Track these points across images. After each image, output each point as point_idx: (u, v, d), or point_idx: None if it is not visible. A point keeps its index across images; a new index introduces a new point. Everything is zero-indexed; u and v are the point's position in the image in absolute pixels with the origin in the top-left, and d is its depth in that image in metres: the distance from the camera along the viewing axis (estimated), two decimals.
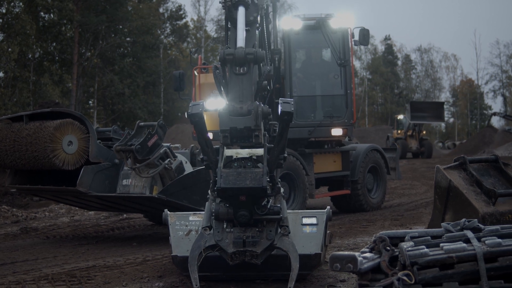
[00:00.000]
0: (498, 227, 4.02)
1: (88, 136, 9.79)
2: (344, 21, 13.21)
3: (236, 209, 6.30)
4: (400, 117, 47.37)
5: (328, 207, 7.07)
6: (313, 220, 6.93)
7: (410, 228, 11.02)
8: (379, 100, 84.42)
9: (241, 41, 6.72)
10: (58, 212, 14.49)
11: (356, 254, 3.64)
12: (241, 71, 6.48)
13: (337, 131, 12.98)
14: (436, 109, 44.73)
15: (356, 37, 13.25)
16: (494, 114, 57.77)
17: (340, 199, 13.97)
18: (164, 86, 48.38)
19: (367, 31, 13.19)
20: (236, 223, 6.38)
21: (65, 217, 13.85)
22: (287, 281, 6.29)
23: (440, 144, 70.07)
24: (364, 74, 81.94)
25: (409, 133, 44.41)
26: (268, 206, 6.38)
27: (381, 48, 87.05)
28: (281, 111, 6.21)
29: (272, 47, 11.90)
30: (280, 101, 6.30)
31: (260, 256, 6.35)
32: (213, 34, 65.33)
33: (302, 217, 6.97)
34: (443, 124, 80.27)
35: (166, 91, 49.12)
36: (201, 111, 6.20)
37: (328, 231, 7.37)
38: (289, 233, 6.45)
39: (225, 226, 6.43)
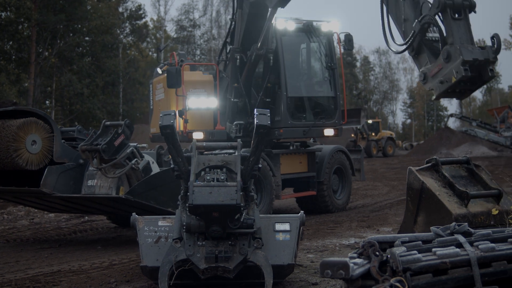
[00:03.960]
0: (489, 231, 3.93)
1: (52, 136, 9.52)
2: (331, 26, 13.69)
3: (208, 224, 6.16)
4: None
5: (302, 211, 6.92)
6: (286, 226, 6.76)
7: (378, 230, 11.00)
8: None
9: None
10: (16, 214, 14.09)
11: (347, 259, 3.50)
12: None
13: (329, 132, 13.48)
14: (356, 114, 45.80)
15: (342, 42, 13.96)
16: (451, 115, 58.59)
17: (306, 200, 13.90)
18: (123, 86, 47.84)
19: (351, 36, 13.76)
20: (208, 236, 6.24)
21: (24, 219, 13.46)
22: (259, 287, 6.18)
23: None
24: None
25: (359, 136, 47.27)
26: (242, 219, 6.26)
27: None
28: (257, 124, 6.12)
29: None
30: (256, 113, 6.19)
31: (232, 271, 6.24)
32: (173, 34, 64.98)
33: (275, 222, 6.78)
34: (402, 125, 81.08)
35: (126, 91, 48.61)
36: (173, 123, 6.08)
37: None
38: (263, 245, 6.34)
39: (196, 239, 6.28)
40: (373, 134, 49.91)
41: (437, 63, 7.73)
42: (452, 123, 72.03)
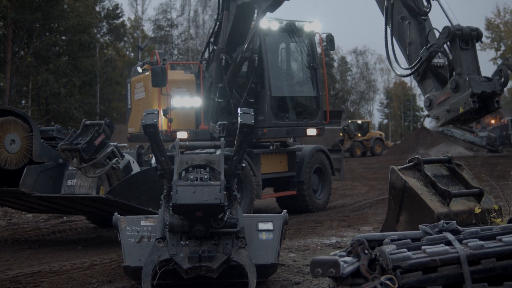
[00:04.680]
0: (478, 228, 3.94)
1: (31, 135, 9.41)
2: (313, 26, 13.79)
3: (192, 223, 6.13)
4: None
5: (285, 211, 6.90)
6: (269, 226, 6.74)
7: (358, 229, 11.04)
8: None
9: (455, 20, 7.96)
10: None
11: (337, 258, 3.48)
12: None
13: (311, 131, 13.59)
14: (337, 116, 46.77)
15: (324, 42, 14.03)
16: (428, 115, 58.89)
17: (286, 200, 13.91)
18: (100, 85, 47.55)
19: (333, 36, 13.84)
20: (191, 235, 6.21)
21: (1, 220, 13.31)
22: (242, 286, 6.16)
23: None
24: None
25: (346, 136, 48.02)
26: (225, 219, 6.24)
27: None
28: (240, 123, 6.11)
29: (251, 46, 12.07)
30: (239, 112, 6.18)
31: (216, 271, 6.22)
32: (150, 33, 64.71)
33: (258, 222, 6.76)
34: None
35: (103, 90, 48.32)
36: (156, 122, 6.04)
37: None
38: (246, 244, 6.32)
39: (179, 238, 6.24)
40: (359, 134, 50.69)
41: (444, 91, 7.85)
42: (429, 123, 72.52)
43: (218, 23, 12.83)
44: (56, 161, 9.75)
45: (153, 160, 10.40)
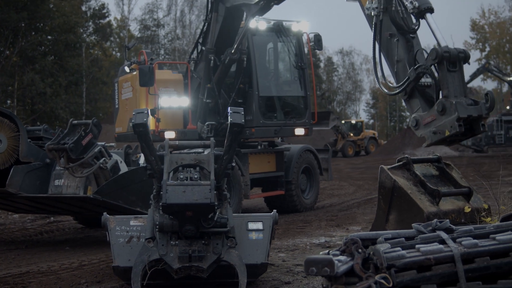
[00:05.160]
0: (471, 227, 3.94)
1: (18, 135, 9.33)
2: (301, 26, 13.80)
3: (182, 223, 6.10)
4: None
5: (275, 210, 6.89)
6: (259, 225, 6.72)
7: (347, 229, 11.04)
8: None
9: (443, 42, 8.00)
10: None
11: (331, 257, 3.47)
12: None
13: (299, 131, 13.60)
14: (325, 117, 47.16)
15: (312, 42, 13.82)
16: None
17: (274, 199, 13.90)
18: (86, 85, 47.33)
19: (320, 36, 13.78)
20: (181, 235, 6.18)
21: None
22: (233, 286, 6.13)
23: None
24: None
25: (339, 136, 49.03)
26: (215, 218, 6.21)
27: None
28: (231, 123, 6.09)
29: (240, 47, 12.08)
30: (229, 111, 6.16)
31: (206, 271, 6.19)
32: (136, 33, 64.51)
33: (248, 221, 6.74)
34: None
35: (89, 90, 48.10)
36: (146, 121, 6.01)
37: None
38: (236, 244, 6.30)
39: (169, 238, 6.21)
40: (351, 134, 51.30)
41: (431, 113, 7.87)
42: None
43: (206, 23, 12.80)
44: (43, 161, 9.68)
45: (141, 160, 10.40)
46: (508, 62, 76.25)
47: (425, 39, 8.59)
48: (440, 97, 7.87)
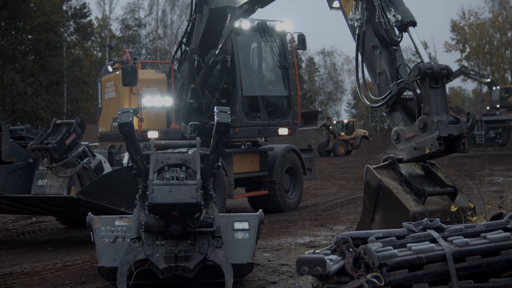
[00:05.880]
0: (462, 226, 3.95)
1: (0, 134, 9.24)
2: (284, 26, 13.80)
3: (168, 223, 6.07)
4: None
5: (260, 210, 6.87)
6: (245, 225, 6.70)
7: (331, 228, 11.04)
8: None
9: (426, 57, 8.08)
10: None
11: (323, 256, 3.45)
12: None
13: (283, 131, 13.62)
14: (314, 116, 47.59)
15: (296, 42, 13.95)
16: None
17: (257, 199, 13.88)
18: (67, 85, 47.02)
19: (304, 36, 13.87)
20: (167, 235, 6.15)
21: None
22: (219, 286, 6.09)
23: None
24: None
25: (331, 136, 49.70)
26: (201, 218, 6.19)
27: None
28: (217, 122, 6.06)
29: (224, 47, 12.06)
30: (216, 111, 6.14)
31: (192, 271, 6.17)
32: (118, 33, 64.22)
33: (234, 221, 6.71)
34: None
35: (70, 90, 47.78)
36: (131, 120, 5.97)
37: None
38: (222, 244, 6.27)
39: (155, 238, 6.17)
40: (343, 133, 51.83)
41: (413, 128, 7.88)
42: None
43: (190, 24, 12.76)
44: (26, 161, 9.60)
45: (125, 160, 10.33)
46: (488, 63, 76.88)
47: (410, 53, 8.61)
48: (422, 111, 7.89)
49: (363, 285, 3.29)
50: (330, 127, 49.04)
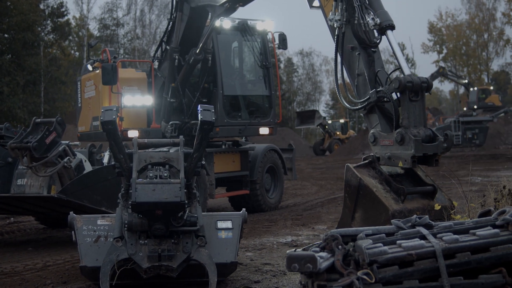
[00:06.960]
0: (451, 223, 3.95)
1: None
2: (265, 25, 13.80)
3: (151, 222, 6.02)
4: None
5: (244, 209, 6.84)
6: (229, 224, 6.69)
7: (313, 228, 11.05)
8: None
9: (407, 69, 8.07)
10: None
11: (313, 253, 3.43)
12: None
13: (264, 130, 13.61)
14: (311, 115, 47.85)
15: (277, 41, 13.96)
16: None
17: (238, 199, 13.86)
18: (44, 85, 46.60)
19: (285, 35, 13.89)
20: (150, 234, 6.10)
21: None
22: (202, 285, 6.05)
23: None
24: None
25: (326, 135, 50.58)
26: (185, 217, 6.15)
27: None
28: (201, 120, 6.03)
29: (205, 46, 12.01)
30: (200, 109, 6.11)
31: (176, 270, 6.13)
32: (95, 33, 63.82)
33: (217, 220, 6.69)
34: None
35: (47, 90, 47.34)
36: (115, 118, 5.92)
37: None
38: (206, 243, 6.24)
39: (138, 237, 6.12)
40: (338, 133, 52.43)
41: (390, 137, 7.90)
42: None
43: (171, 22, 12.70)
44: (5, 160, 9.50)
45: (105, 159, 10.26)
46: (464, 64, 77.52)
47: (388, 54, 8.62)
48: (400, 122, 7.91)
49: (353, 282, 3.28)
50: (326, 126, 49.53)
